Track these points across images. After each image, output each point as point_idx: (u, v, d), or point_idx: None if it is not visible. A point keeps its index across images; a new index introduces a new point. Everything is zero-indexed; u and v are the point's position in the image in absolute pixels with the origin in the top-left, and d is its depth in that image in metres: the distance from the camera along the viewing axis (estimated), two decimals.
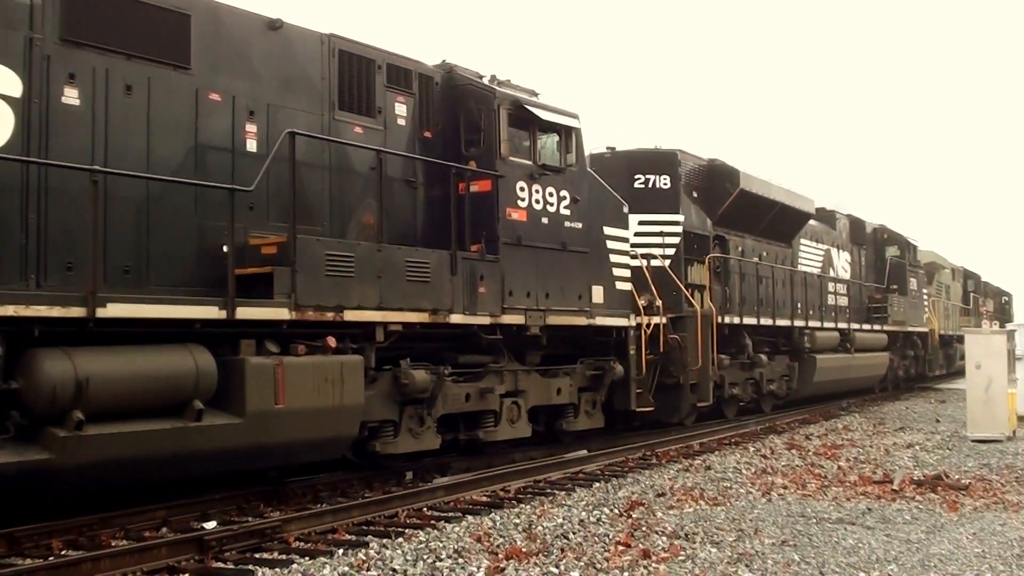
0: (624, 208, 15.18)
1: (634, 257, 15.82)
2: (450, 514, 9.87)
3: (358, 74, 11.47)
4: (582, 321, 13.61)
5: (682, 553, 8.13)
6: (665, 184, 17.84)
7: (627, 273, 14.93)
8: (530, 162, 12.88)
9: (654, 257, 16.97)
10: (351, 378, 10.02)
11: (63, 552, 7.99)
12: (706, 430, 17.41)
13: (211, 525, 8.93)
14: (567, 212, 13.42)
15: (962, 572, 7.66)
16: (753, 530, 9.11)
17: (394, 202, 11.67)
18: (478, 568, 7.55)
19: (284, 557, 7.95)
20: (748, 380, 19.73)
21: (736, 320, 19.06)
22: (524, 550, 8.08)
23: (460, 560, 7.82)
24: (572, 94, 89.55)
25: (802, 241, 23.20)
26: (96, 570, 7.20)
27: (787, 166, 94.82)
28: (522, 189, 12.66)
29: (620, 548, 8.27)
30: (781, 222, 21.33)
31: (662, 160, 18.14)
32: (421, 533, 8.82)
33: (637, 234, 16.71)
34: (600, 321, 14.01)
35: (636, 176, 17.79)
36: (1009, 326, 36.18)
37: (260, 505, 10.06)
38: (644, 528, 9.10)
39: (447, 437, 12.03)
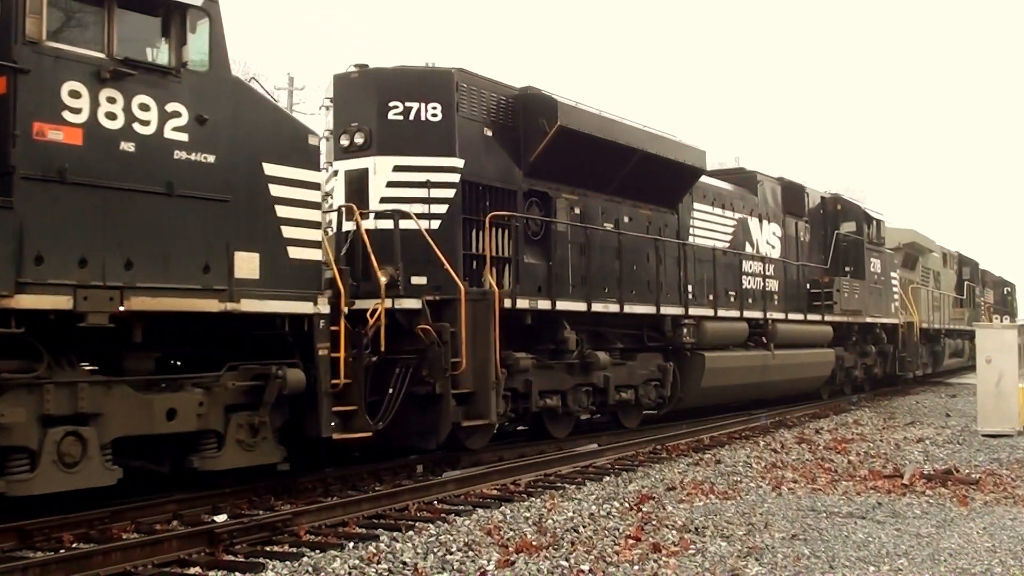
0: (310, 138, 10.57)
1: (336, 211, 12.65)
2: (460, 507, 9.89)
3: None
4: (211, 306, 9.21)
5: (692, 547, 8.13)
6: (435, 115, 12.72)
7: (313, 235, 10.41)
8: (97, 53, 8.51)
9: (406, 216, 12.27)
10: None
11: (74, 545, 8.02)
12: (714, 424, 17.38)
13: (222, 518, 8.97)
14: (180, 137, 9.03)
15: (972, 566, 7.64)
16: (763, 524, 9.11)
17: None
18: (488, 561, 7.56)
19: (294, 550, 7.96)
20: (582, 387, 14.50)
21: (542, 305, 13.49)
22: (534, 543, 8.09)
23: (470, 553, 7.83)
24: (575, 85, 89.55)
25: (696, 207, 18.20)
26: (107, 563, 7.23)
27: (792, 152, 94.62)
28: (75, 95, 8.29)
29: (630, 542, 8.27)
30: (652, 178, 16.22)
31: (431, 82, 13.01)
32: (431, 526, 8.83)
33: (390, 184, 12.52)
34: (251, 306, 9.54)
35: (392, 103, 12.67)
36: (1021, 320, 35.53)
37: (271, 498, 10.10)
38: (654, 522, 9.10)
39: None
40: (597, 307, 14.57)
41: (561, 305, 13.78)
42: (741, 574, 7.31)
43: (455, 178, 12.79)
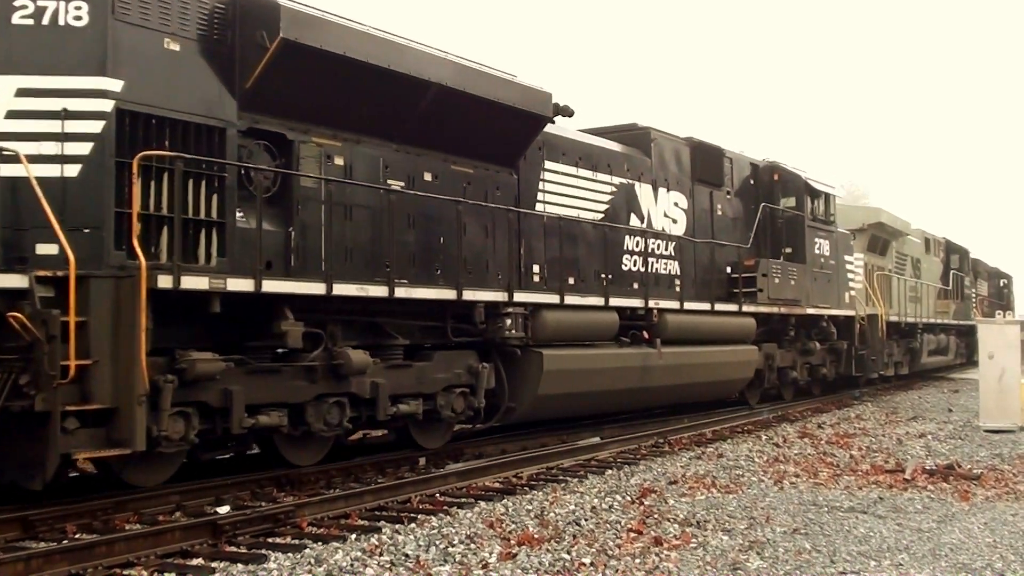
0: None
1: None
2: (463, 500, 9.91)
3: None
4: None
5: (693, 540, 8.15)
6: (78, 18, 9.27)
7: None
8: None
9: (11, 159, 8.69)
10: None
11: (77, 536, 8.04)
12: (718, 418, 17.38)
13: (224, 510, 8.98)
14: None
15: (973, 562, 7.65)
16: (765, 518, 9.12)
17: None
18: (490, 553, 7.58)
19: (297, 542, 7.99)
20: (331, 398, 10.60)
21: (238, 286, 9.40)
22: (536, 536, 8.11)
23: (472, 545, 7.85)
24: (579, 75, 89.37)
25: (550, 167, 14.42)
26: (110, 554, 7.26)
27: (795, 150, 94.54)
28: None
29: (632, 535, 8.29)
30: (469, 125, 12.57)
31: None
32: (434, 519, 8.86)
33: (10, 114, 9.00)
34: None
35: (18, 3, 9.19)
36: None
37: (273, 490, 10.12)
38: (656, 515, 9.12)
39: None
40: (345, 289, 10.43)
41: (273, 286, 9.72)
42: (742, 568, 7.33)
43: (104, 106, 9.12)
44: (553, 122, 14.24)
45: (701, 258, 17.61)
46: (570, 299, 13.77)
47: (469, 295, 12.06)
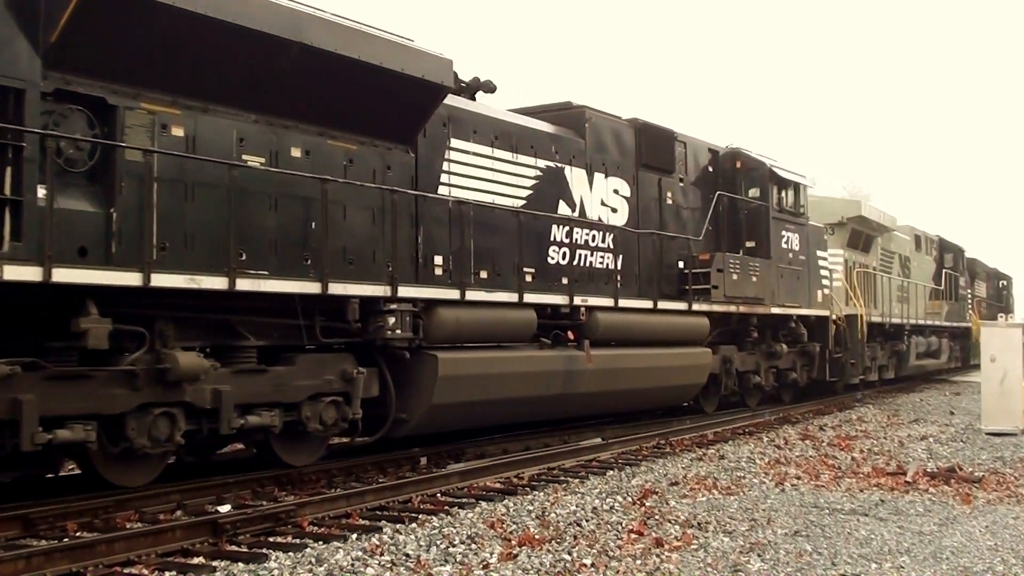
0: None
1: None
2: (464, 500, 9.90)
3: None
4: None
5: (694, 542, 8.14)
6: None
7: None
8: None
9: None
10: None
11: (78, 534, 8.05)
12: (720, 420, 17.38)
13: (225, 509, 8.98)
14: None
15: (974, 565, 7.65)
16: (766, 520, 9.12)
17: None
18: (491, 554, 7.58)
19: (298, 541, 7.98)
20: (157, 408, 9.07)
21: (25, 276, 7.82)
22: (537, 537, 8.11)
23: (473, 546, 7.85)
24: (576, 80, 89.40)
25: (457, 145, 12.66)
26: (110, 552, 7.24)
27: (791, 145, 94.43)
28: None
29: (633, 536, 8.29)
30: (351, 95, 10.93)
31: None
32: (435, 518, 8.85)
33: None
34: None
35: None
36: None
37: (274, 489, 10.12)
38: (657, 516, 9.12)
39: None
40: (168, 280, 8.80)
41: (68, 276, 8.06)
42: (743, 570, 7.32)
43: None
44: (456, 92, 12.88)
45: (647, 252, 15.94)
46: (473, 295, 12.13)
47: (338, 289, 10.32)
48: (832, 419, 18.96)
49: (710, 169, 18.26)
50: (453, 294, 11.87)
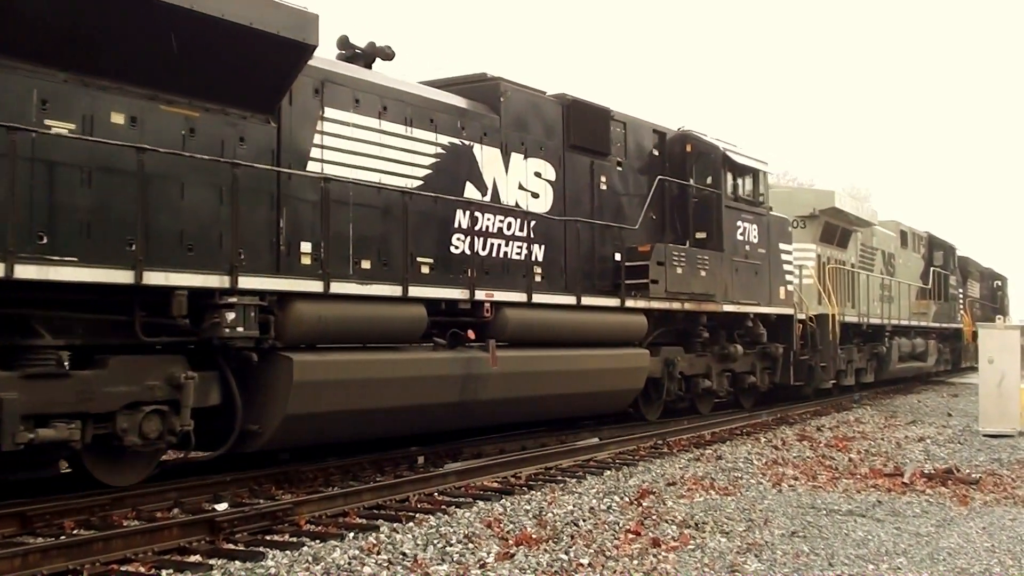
0: None
1: None
2: (461, 499, 9.90)
3: None
4: None
5: (692, 542, 8.14)
6: None
7: None
8: None
9: None
10: None
11: (75, 532, 8.05)
12: (718, 420, 17.37)
13: (223, 507, 8.98)
14: None
15: (971, 566, 7.65)
16: (763, 520, 9.12)
17: None
18: (488, 553, 7.58)
19: (295, 539, 7.98)
20: None
21: None
22: (534, 536, 8.10)
23: (470, 545, 7.84)
24: (576, 77, 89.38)
25: (332, 115, 11.06)
26: (107, 550, 7.24)
27: (798, 151, 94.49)
28: None
29: (630, 536, 8.29)
30: (182, 51, 9.23)
31: None
32: (432, 518, 8.85)
33: None
34: None
35: None
36: None
37: (272, 488, 10.12)
38: (654, 517, 9.11)
39: None
40: None
41: None
42: (740, 570, 7.33)
43: None
44: (349, 59, 11.80)
45: (576, 242, 14.41)
46: (341, 287, 10.41)
47: (157, 278, 8.73)
48: (830, 420, 18.96)
49: (655, 153, 16.75)
50: (314, 286, 10.15)
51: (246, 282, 9.42)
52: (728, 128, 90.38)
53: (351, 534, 8.15)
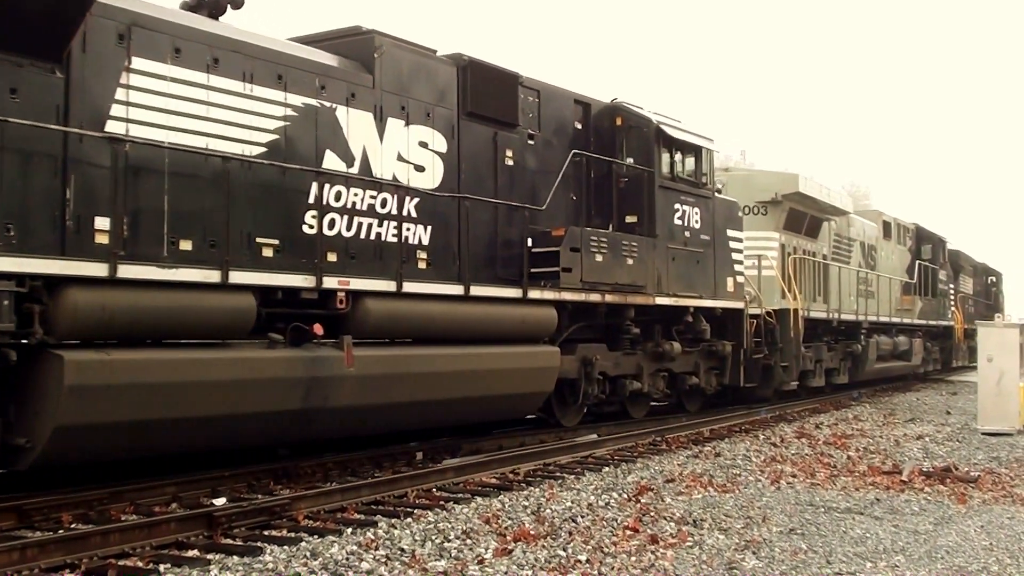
0: None
1: None
2: (459, 495, 9.90)
3: None
4: None
5: (690, 539, 8.14)
6: None
7: None
8: None
9: None
10: None
11: (72, 525, 8.04)
12: (716, 417, 17.37)
13: (221, 502, 8.98)
14: None
15: (969, 564, 7.64)
16: (761, 518, 9.12)
17: None
18: (486, 549, 7.57)
19: (293, 535, 7.98)
20: None
21: None
22: (532, 532, 8.10)
23: (468, 541, 7.84)
24: (578, 76, 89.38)
25: (141, 66, 9.19)
26: (105, 544, 7.23)
27: (799, 149, 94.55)
28: None
29: (628, 533, 8.28)
30: None
31: None
32: (430, 513, 8.84)
33: None
34: None
35: None
36: None
37: (270, 483, 10.11)
38: (652, 513, 9.11)
39: None
40: None
41: None
42: (738, 567, 7.32)
43: None
44: (193, 8, 10.26)
45: (472, 224, 12.49)
46: (132, 270, 8.56)
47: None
48: (828, 418, 18.95)
49: (579, 127, 14.88)
50: (94, 269, 8.32)
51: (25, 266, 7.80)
52: (728, 128, 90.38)
53: (349, 529, 8.14)
